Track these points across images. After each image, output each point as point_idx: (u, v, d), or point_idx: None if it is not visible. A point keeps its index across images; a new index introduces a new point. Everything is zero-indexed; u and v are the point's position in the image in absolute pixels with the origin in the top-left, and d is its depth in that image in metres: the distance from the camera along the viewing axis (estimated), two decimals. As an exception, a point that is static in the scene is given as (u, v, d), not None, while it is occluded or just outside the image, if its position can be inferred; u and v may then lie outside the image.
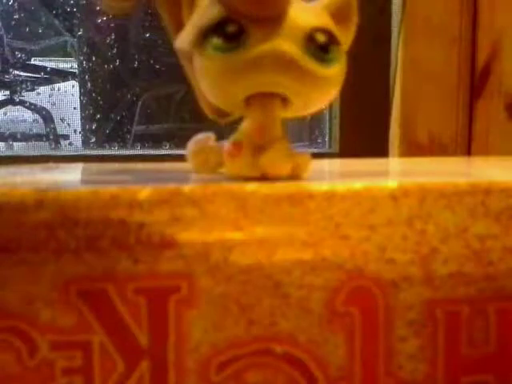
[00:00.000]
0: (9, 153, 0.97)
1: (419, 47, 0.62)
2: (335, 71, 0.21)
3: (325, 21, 0.21)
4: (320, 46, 0.21)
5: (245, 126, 0.22)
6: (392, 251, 0.20)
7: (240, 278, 0.19)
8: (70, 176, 0.29)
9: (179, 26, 0.23)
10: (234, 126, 0.22)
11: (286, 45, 0.20)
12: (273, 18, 0.20)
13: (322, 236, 0.19)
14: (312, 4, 0.22)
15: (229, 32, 0.20)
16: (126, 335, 0.19)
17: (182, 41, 0.22)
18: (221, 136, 0.23)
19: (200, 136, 0.24)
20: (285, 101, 0.22)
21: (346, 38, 0.23)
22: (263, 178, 0.21)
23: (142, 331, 0.19)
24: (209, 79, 0.21)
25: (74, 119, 1.02)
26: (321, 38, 0.21)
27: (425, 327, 0.20)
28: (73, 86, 1.05)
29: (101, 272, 0.19)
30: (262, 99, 0.21)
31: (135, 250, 0.19)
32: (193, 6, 0.22)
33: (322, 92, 0.22)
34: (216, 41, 0.20)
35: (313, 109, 0.22)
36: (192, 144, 0.24)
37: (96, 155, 0.83)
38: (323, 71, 0.21)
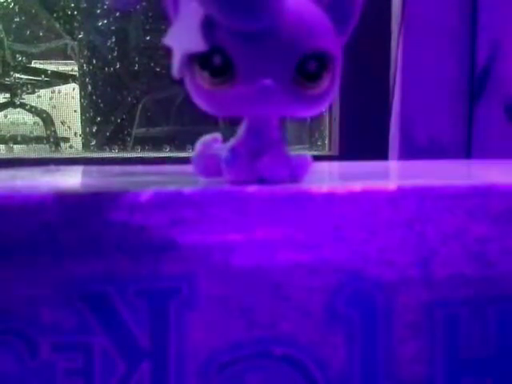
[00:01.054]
0: (9, 155, 0.97)
1: (419, 47, 0.62)
2: (326, 88, 0.21)
3: (319, 33, 0.20)
4: (311, 75, 0.20)
5: (241, 131, 0.22)
6: (391, 253, 0.20)
7: (240, 280, 0.19)
8: (70, 179, 0.29)
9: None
10: (234, 128, 0.23)
11: (273, 82, 0.20)
12: (260, 34, 0.19)
13: (321, 238, 0.20)
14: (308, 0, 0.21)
15: (215, 65, 0.20)
16: (127, 336, 0.19)
17: (170, 44, 0.21)
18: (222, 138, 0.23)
19: (206, 137, 0.24)
20: None
21: (343, 33, 0.22)
22: (261, 182, 0.21)
23: (143, 333, 0.19)
24: (198, 101, 0.21)
25: (75, 122, 1.02)
26: (312, 66, 0.20)
27: (424, 329, 0.20)
28: (73, 89, 1.05)
29: (102, 274, 0.19)
30: None
31: (136, 252, 0.19)
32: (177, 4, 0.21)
33: (310, 111, 0.22)
34: (203, 73, 0.20)
35: (303, 118, 0.23)
36: (197, 147, 0.24)
37: (96, 158, 0.83)
38: (312, 96, 0.21)
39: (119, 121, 1.00)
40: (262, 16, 0.19)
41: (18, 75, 1.05)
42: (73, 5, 0.99)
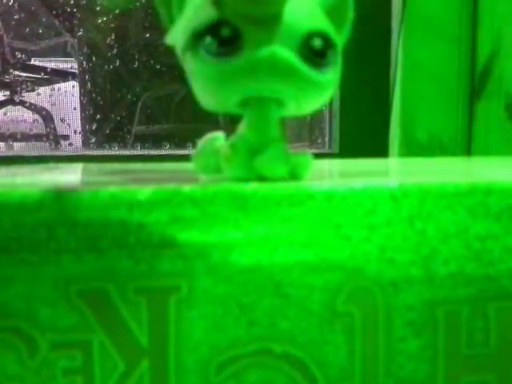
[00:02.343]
0: (9, 153, 0.97)
1: (419, 47, 0.62)
2: (330, 75, 0.21)
3: (321, 22, 0.21)
4: (316, 52, 0.20)
5: (241, 128, 0.22)
6: (392, 251, 0.20)
7: (240, 278, 0.19)
8: (70, 176, 0.29)
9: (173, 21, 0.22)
10: (234, 126, 0.22)
11: (283, 51, 0.20)
12: (269, 17, 0.20)
13: (322, 236, 0.19)
14: (307, 1, 0.22)
15: (223, 36, 0.20)
16: (126, 335, 0.19)
17: (173, 39, 0.22)
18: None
19: (208, 136, 0.24)
20: (279, 102, 0.22)
21: (341, 35, 0.22)
22: (260, 179, 0.21)
23: (142, 331, 0.19)
24: (201, 82, 0.21)
25: (74, 119, 1.02)
26: (317, 43, 0.20)
27: (425, 327, 0.20)
28: (73, 87, 1.05)
29: (101, 272, 0.19)
30: (257, 101, 0.21)
31: (135, 249, 0.19)
32: (182, 2, 0.22)
33: (317, 96, 0.22)
34: (210, 44, 0.20)
35: (307, 111, 0.22)
36: (198, 145, 0.24)
37: (96, 155, 0.83)
38: (318, 76, 0.21)
39: (119, 118, 1.00)
40: (273, 2, 0.20)
41: (17, 73, 1.05)
42: (72, 2, 0.99)
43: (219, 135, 0.23)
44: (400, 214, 0.20)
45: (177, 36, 0.21)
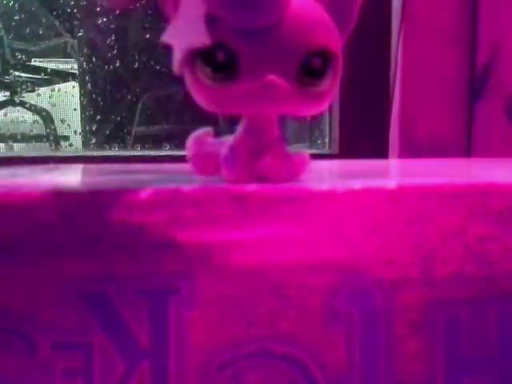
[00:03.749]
0: (9, 154, 0.97)
1: (419, 48, 0.62)
2: (328, 85, 0.21)
3: (322, 31, 0.20)
4: (315, 71, 0.20)
5: (240, 129, 0.22)
6: (391, 252, 0.20)
7: (240, 279, 0.19)
8: (70, 177, 0.29)
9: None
10: (233, 125, 0.22)
11: (278, 78, 0.20)
12: (265, 32, 0.19)
13: (321, 237, 0.19)
14: None
15: (218, 61, 0.20)
16: (127, 336, 0.19)
17: (169, 41, 0.21)
18: (222, 136, 0.23)
19: (198, 133, 0.23)
20: None
21: (344, 30, 0.22)
22: (260, 180, 0.21)
23: (143, 332, 0.19)
24: (199, 99, 0.21)
25: (74, 120, 1.02)
26: (316, 63, 0.20)
27: (424, 328, 0.20)
28: (73, 87, 1.05)
29: (101, 273, 0.19)
30: None
31: (135, 250, 0.19)
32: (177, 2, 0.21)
33: (314, 109, 0.21)
34: (205, 69, 0.20)
35: (304, 116, 0.22)
36: (191, 145, 0.24)
37: (96, 156, 0.83)
38: (315, 94, 0.20)
39: (119, 119, 1.00)
40: (271, 14, 0.19)
41: (17, 73, 1.05)
42: (72, 3, 0.99)
43: (208, 130, 0.23)
44: (399, 215, 0.20)
45: (171, 41, 0.21)
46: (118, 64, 0.98)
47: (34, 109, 1.06)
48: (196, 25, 0.20)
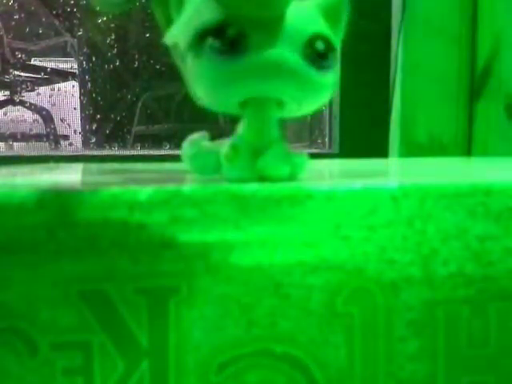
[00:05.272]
0: (9, 153, 0.97)
1: (419, 47, 0.62)
2: (331, 77, 0.21)
3: (322, 25, 0.22)
4: (319, 54, 0.21)
5: (240, 128, 0.22)
6: (392, 252, 0.20)
7: (240, 279, 0.19)
8: (70, 176, 0.29)
9: (169, 22, 0.22)
10: (234, 126, 0.22)
11: (288, 52, 0.20)
12: (273, 20, 0.20)
13: (322, 236, 0.19)
14: (304, 3, 0.22)
15: (229, 36, 0.20)
16: (127, 335, 0.19)
17: (174, 37, 0.22)
18: (222, 135, 0.23)
19: (194, 137, 0.24)
20: (280, 103, 0.22)
21: (337, 36, 0.22)
22: (260, 180, 0.21)
23: (142, 331, 0.19)
24: (204, 82, 0.21)
25: (74, 119, 1.02)
26: (320, 45, 0.21)
27: (425, 327, 0.20)
28: (73, 87, 1.05)
29: (101, 272, 0.19)
30: (258, 102, 0.21)
31: (135, 250, 0.19)
32: (181, 2, 0.22)
33: (318, 97, 0.22)
34: (215, 43, 0.20)
35: (306, 112, 0.23)
36: (187, 147, 0.24)
37: (96, 155, 0.83)
38: (320, 78, 0.21)
39: (119, 118, 1.00)
40: (277, 5, 0.20)
41: (17, 73, 1.05)
42: (72, 2, 0.99)
43: (204, 134, 0.23)
44: (400, 215, 0.20)
45: (176, 36, 0.21)
46: (118, 63, 0.98)
47: (33, 108, 1.06)
48: (204, 9, 0.20)
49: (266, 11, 0.20)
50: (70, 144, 1.04)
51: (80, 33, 1.03)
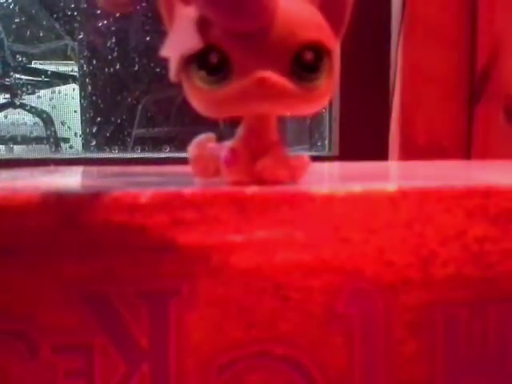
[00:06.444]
0: (9, 156, 0.97)
1: (419, 50, 0.62)
2: (324, 83, 0.21)
3: (313, 27, 0.20)
4: (308, 66, 0.20)
5: (240, 132, 0.22)
6: (391, 254, 0.20)
7: (240, 281, 0.19)
8: (70, 179, 0.29)
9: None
10: (233, 129, 0.23)
11: (271, 73, 0.20)
12: (257, 32, 0.19)
13: (321, 239, 0.20)
14: None
15: (211, 63, 0.20)
16: (127, 337, 0.19)
17: (167, 54, 0.21)
18: (222, 138, 0.23)
19: (201, 137, 0.24)
20: None
21: (338, 30, 0.21)
22: (260, 183, 0.21)
23: (143, 333, 0.19)
24: (196, 104, 0.21)
25: (75, 122, 1.02)
26: (308, 56, 0.20)
27: (424, 329, 0.20)
28: (73, 90, 1.05)
29: (102, 275, 0.19)
30: None
31: (136, 252, 0.19)
32: (172, 13, 0.21)
33: (311, 106, 0.21)
34: (199, 73, 0.20)
35: (303, 115, 0.22)
36: (193, 148, 0.24)
37: (96, 158, 0.83)
38: (310, 90, 0.20)
39: (119, 121, 1.00)
40: (259, 17, 0.19)
41: (18, 75, 1.05)
42: (73, 5, 0.99)
43: (211, 135, 0.23)
44: (399, 217, 0.20)
45: (167, 53, 0.21)
46: (118, 66, 0.98)
47: (34, 111, 1.06)
48: (188, 31, 0.20)
49: (248, 24, 0.19)
50: (71, 147, 1.04)
51: (80, 36, 1.03)
